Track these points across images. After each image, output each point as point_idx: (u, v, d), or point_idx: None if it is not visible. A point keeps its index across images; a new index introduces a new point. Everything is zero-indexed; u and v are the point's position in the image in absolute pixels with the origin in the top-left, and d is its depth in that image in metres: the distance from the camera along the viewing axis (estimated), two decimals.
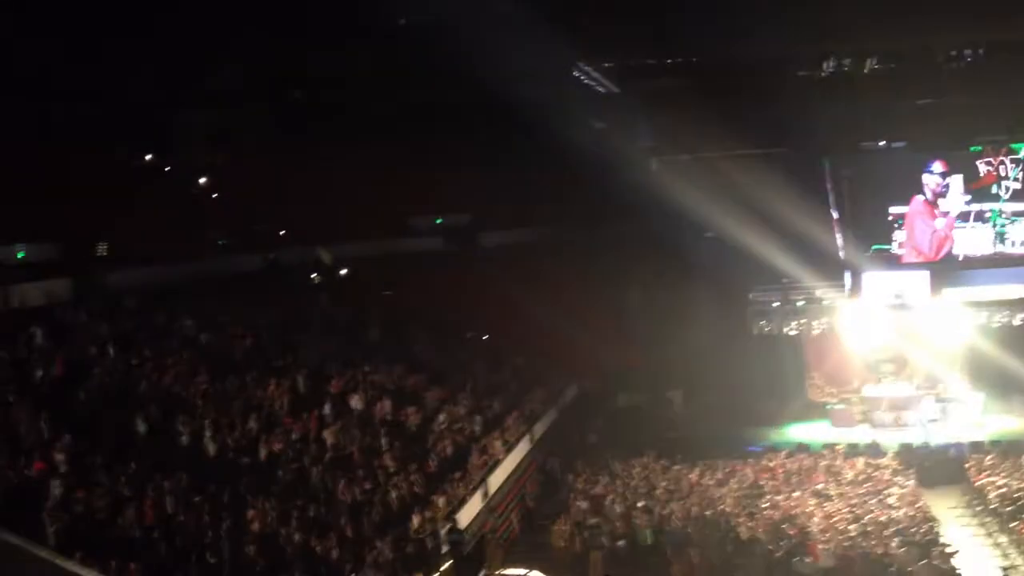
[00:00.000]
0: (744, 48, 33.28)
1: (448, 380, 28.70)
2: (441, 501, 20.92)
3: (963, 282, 31.70)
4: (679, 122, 32.70)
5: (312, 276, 32.45)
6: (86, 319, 21.73)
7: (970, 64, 30.55)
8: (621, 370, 35.09)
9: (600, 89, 34.06)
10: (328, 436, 21.82)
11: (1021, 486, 22.96)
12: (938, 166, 32.08)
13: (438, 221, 38.95)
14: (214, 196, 34.63)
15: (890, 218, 32.52)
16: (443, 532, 19.95)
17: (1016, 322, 31.35)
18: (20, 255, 23.51)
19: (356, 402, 24.51)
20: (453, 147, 37.24)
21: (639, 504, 23.01)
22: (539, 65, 30.52)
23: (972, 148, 32.18)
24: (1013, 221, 32.09)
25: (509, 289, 36.49)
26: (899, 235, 32.43)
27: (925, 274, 31.75)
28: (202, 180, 34.44)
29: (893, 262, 32.50)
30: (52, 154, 29.18)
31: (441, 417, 25.58)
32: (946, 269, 31.93)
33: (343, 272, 33.09)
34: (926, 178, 32.20)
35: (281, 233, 33.56)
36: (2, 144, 27.46)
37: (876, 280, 32.16)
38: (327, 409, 23.13)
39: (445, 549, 19.57)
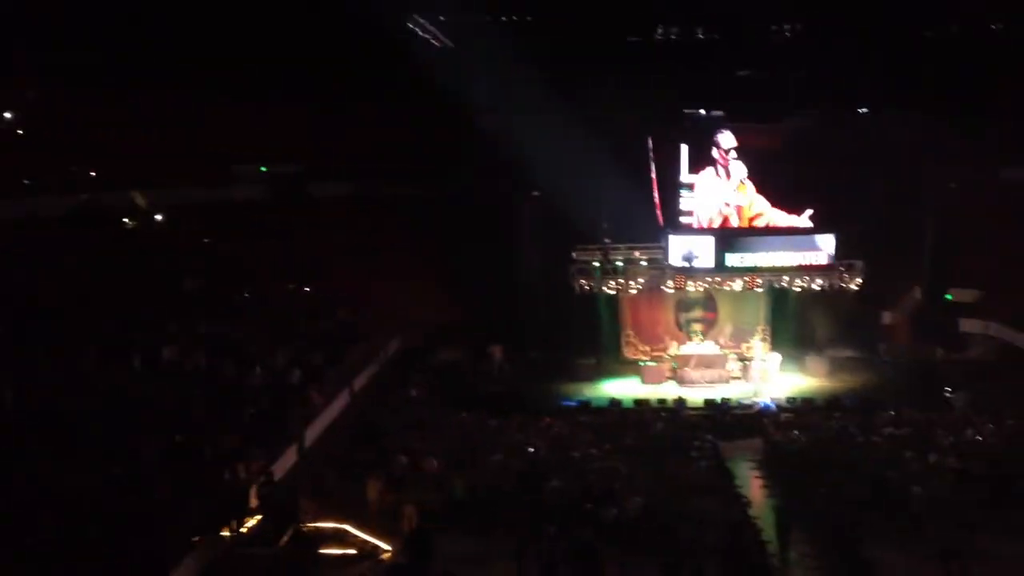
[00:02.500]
0: (577, 10, 33.89)
1: (268, 331, 28.23)
2: (256, 454, 20.69)
3: (745, 248, 32.98)
4: (512, 81, 32.93)
5: (125, 221, 31.12)
6: None
7: (790, 38, 32.14)
8: (444, 325, 35.34)
9: (435, 43, 33.96)
10: (138, 389, 21.19)
11: (813, 440, 24.67)
12: (725, 139, 32.87)
13: (263, 169, 37.98)
14: (20, 132, 32.73)
15: (685, 185, 33.24)
16: (256, 485, 19.76)
17: (814, 286, 33.42)
18: None
19: (169, 353, 23.89)
20: (284, 95, 36.46)
21: (455, 458, 23.37)
22: (376, 15, 30.14)
23: None
24: None
25: (335, 241, 36.20)
26: (691, 202, 33.19)
27: (710, 239, 32.75)
28: (8, 115, 32.46)
29: (689, 226, 33.24)
30: None
31: (259, 369, 25.20)
32: (730, 235, 33.00)
33: (158, 218, 31.88)
34: (715, 151, 32.94)
35: (92, 174, 31.96)
36: None
37: (675, 243, 33.20)
38: (137, 361, 22.46)
39: (257, 502, 19.40)
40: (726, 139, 32.60)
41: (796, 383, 32.82)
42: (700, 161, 32.68)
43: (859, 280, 33.33)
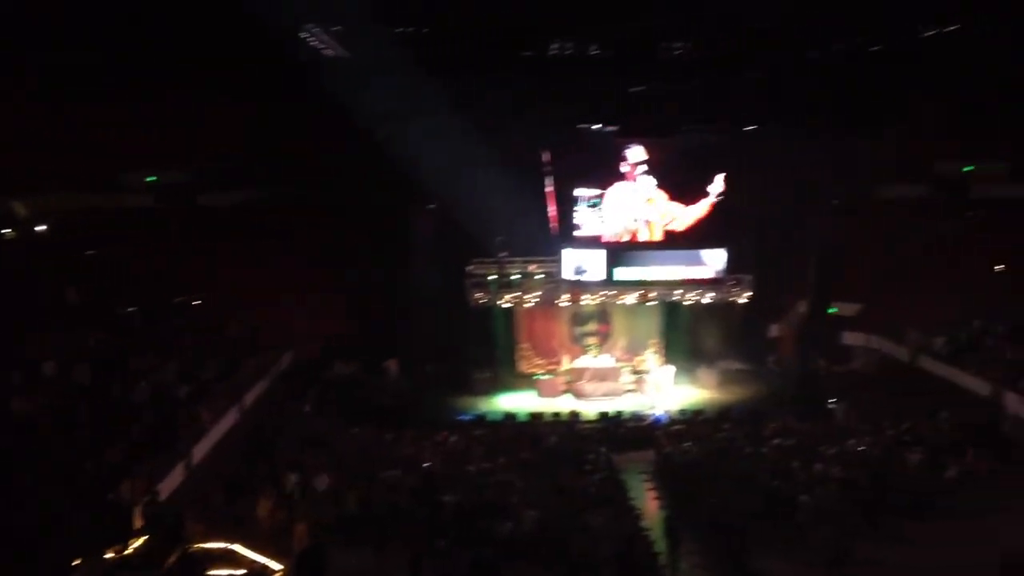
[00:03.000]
0: (473, 22, 33.90)
1: (155, 345, 27.46)
2: (141, 471, 20.08)
3: (634, 262, 33.55)
4: (408, 93, 32.76)
5: (3, 231, 29.95)
6: None
7: (679, 56, 32.76)
8: (339, 338, 34.94)
9: (329, 52, 33.62)
10: (17, 403, 20.40)
11: (704, 451, 25.11)
12: (634, 153, 33.46)
13: (151, 178, 36.94)
14: None
15: (584, 199, 33.63)
16: (141, 504, 19.15)
17: (705, 300, 34.09)
18: None
19: (51, 368, 23.05)
20: (173, 102, 35.55)
21: (349, 473, 23.10)
22: (267, 22, 29.60)
23: None
24: None
25: (226, 252, 35.44)
26: (597, 216, 33.62)
27: (601, 253, 33.19)
28: None
29: (584, 240, 33.61)
30: None
31: (145, 383, 24.48)
32: (620, 249, 33.52)
33: (40, 228, 30.74)
34: (623, 165, 33.65)
35: None
36: None
37: (567, 257, 33.51)
38: (17, 375, 21.62)
39: (142, 522, 18.80)
40: (634, 153, 33.09)
41: (688, 395, 33.45)
42: (598, 175, 33.12)
43: (748, 294, 34.14)
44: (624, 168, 33.43)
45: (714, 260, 33.35)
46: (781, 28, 32.44)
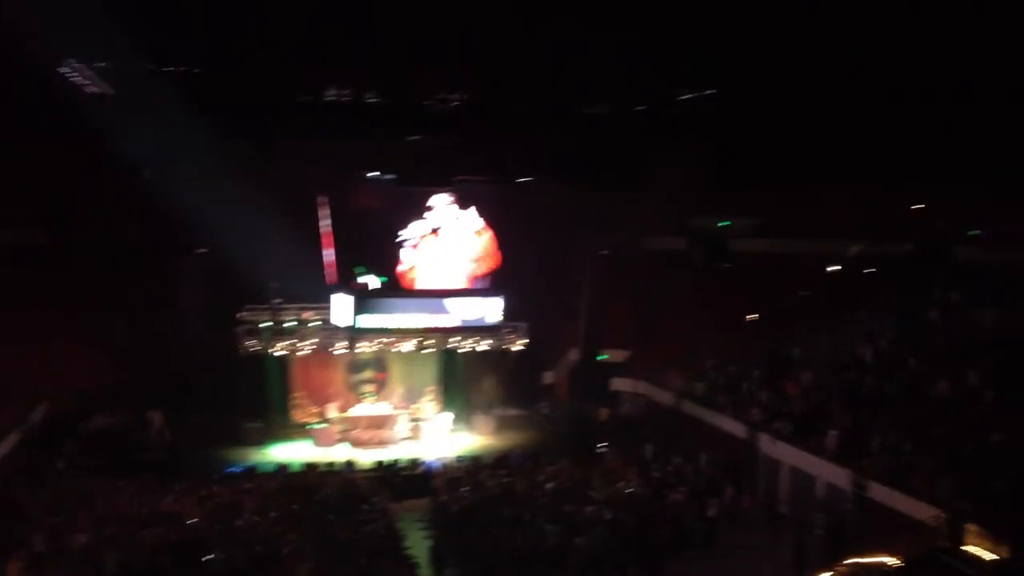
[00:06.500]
0: (244, 64, 33.33)
1: None
2: None
3: (378, 309, 32.98)
4: (175, 133, 31.87)
5: None
6: None
7: (455, 107, 33.45)
8: (99, 389, 32.98)
9: (93, 89, 32.27)
10: None
11: (480, 497, 25.31)
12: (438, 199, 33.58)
13: None
14: None
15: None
16: None
17: (480, 348, 34.50)
18: None
19: None
20: None
21: (106, 532, 21.77)
22: (28, 56, 28.11)
23: None
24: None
25: None
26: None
27: (350, 299, 32.49)
28: None
29: (355, 287, 32.85)
30: None
31: None
32: (365, 296, 32.77)
33: None
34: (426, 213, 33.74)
35: None
36: None
37: (334, 303, 33.05)
38: None
39: None
40: (438, 200, 32.92)
41: (465, 442, 33.68)
42: (375, 221, 33.07)
43: (523, 341, 34.81)
44: (427, 215, 33.19)
45: (457, 309, 33.29)
46: (552, 87, 33.77)
